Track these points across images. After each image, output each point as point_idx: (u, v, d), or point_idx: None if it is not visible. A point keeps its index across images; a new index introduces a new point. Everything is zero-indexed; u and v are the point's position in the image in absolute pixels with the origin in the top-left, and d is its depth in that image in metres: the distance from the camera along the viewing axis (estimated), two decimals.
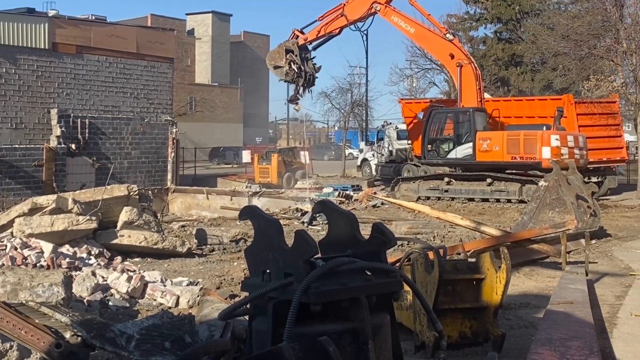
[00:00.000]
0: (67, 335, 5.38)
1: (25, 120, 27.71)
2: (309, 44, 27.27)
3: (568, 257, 11.37)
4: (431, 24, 26.25)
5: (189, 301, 8.77)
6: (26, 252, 10.54)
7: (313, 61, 27.59)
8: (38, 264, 10.20)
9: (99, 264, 10.90)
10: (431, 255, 6.76)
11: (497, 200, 22.82)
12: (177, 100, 45.42)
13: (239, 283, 6.31)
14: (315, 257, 3.22)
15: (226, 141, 65.31)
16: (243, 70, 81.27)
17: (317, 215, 15.83)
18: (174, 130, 31.82)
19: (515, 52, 41.52)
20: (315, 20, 26.99)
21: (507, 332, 7.04)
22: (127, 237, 12.65)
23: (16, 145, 26.64)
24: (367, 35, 31.23)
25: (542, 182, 15.31)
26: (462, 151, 24.68)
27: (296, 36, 27.19)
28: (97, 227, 12.40)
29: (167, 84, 32.82)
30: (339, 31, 26.91)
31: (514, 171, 23.46)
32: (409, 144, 32.66)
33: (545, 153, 22.42)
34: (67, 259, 10.57)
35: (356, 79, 53.73)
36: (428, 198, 24.03)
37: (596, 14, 28.08)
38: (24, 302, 6.02)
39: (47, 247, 10.82)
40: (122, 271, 9.77)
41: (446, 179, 24.28)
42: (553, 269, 11.42)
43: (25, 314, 5.39)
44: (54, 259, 10.35)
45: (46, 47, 28.06)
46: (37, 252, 10.60)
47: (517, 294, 9.53)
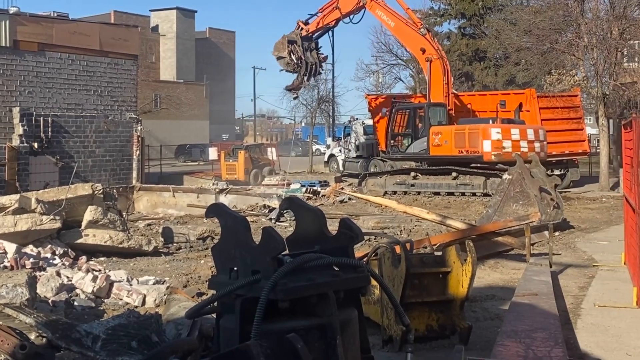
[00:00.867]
0: (32, 336, 5.31)
1: None
2: (311, 35, 28.06)
3: (532, 249, 11.55)
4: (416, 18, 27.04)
5: (155, 300, 8.71)
6: None
7: (319, 51, 28.58)
8: (1, 265, 10.05)
9: (63, 264, 10.77)
10: (398, 249, 6.80)
11: (463, 194, 23.06)
12: (141, 98, 44.99)
13: (206, 281, 6.29)
14: (283, 253, 3.22)
15: (192, 138, 64.86)
16: (209, 66, 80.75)
17: (285, 211, 15.84)
18: (139, 127, 31.50)
19: (478, 48, 41.90)
20: (317, 12, 28.16)
21: (474, 324, 7.12)
22: (92, 237, 12.52)
23: None
24: (333, 31, 31.26)
25: (506, 176, 15.50)
26: (419, 146, 25.12)
27: (300, 27, 28.08)
28: (61, 227, 12.25)
29: (132, 81, 32.45)
30: (335, 23, 27.96)
31: (478, 165, 23.75)
32: (375, 140, 32.84)
33: (486, 146, 22.71)
34: (31, 260, 10.42)
35: (322, 74, 53.72)
36: (395, 193, 24.20)
37: (557, 8, 28.44)
38: None
39: (11, 247, 10.65)
40: (87, 271, 9.66)
41: (412, 174, 24.49)
42: (518, 261, 11.58)
43: None
44: (18, 259, 10.20)
45: (7, 45, 27.54)
46: (0, 253, 10.43)
47: (483, 286, 9.63)
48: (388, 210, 18.84)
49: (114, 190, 17.93)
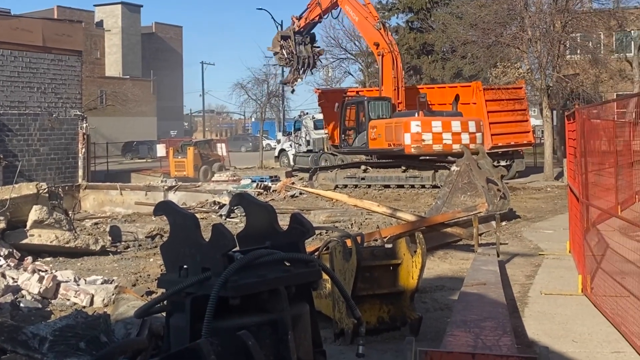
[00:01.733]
0: None
1: None
2: (302, 30, 28.37)
3: (480, 239, 11.72)
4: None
5: (104, 300, 8.60)
6: None
7: (315, 45, 29.00)
8: None
9: (8, 265, 10.52)
10: (349, 243, 6.84)
11: (412, 186, 23.31)
12: (86, 94, 44.20)
13: (156, 280, 6.21)
14: (234, 250, 3.20)
15: (139, 135, 64.00)
16: (156, 62, 79.75)
17: (235, 207, 15.74)
18: (84, 125, 30.93)
19: (426, 41, 42.25)
20: (306, 7, 28.52)
21: (424, 315, 7.20)
22: (38, 237, 12.26)
23: None
24: (282, 26, 31.27)
25: (454, 167, 15.71)
26: (361, 139, 25.42)
27: (293, 23, 28.51)
28: (6, 227, 11.99)
29: (76, 77, 31.84)
30: (319, 18, 28.43)
31: (427, 158, 24.03)
32: (325, 134, 32.96)
33: (407, 139, 23.02)
34: None
35: (272, 69, 53.61)
36: (345, 186, 24.32)
37: (502, 2, 28.88)
38: None
39: None
40: (33, 271, 9.46)
41: (363, 167, 24.67)
42: (466, 251, 11.75)
43: None
44: None
45: None
46: None
47: (433, 277, 9.75)
48: (339, 204, 18.90)
49: (60, 189, 17.61)
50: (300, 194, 22.78)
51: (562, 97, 30.10)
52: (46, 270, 9.86)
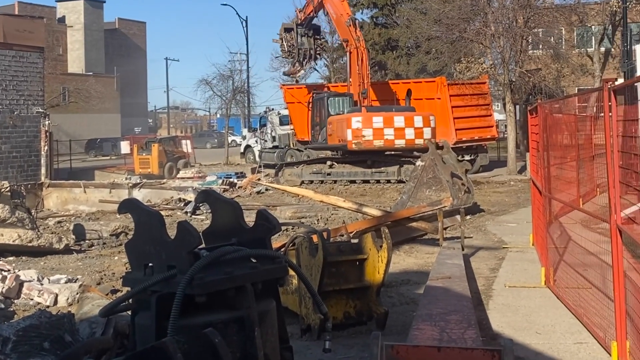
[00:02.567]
0: None
1: None
2: (304, 22, 28.51)
3: (445, 233, 11.82)
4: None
5: (68, 299, 8.51)
6: None
7: (318, 37, 29.31)
8: None
9: None
10: (315, 238, 6.85)
11: (378, 182, 23.42)
12: (49, 91, 43.58)
13: (120, 278, 6.16)
14: (200, 247, 3.20)
15: (103, 132, 63.25)
16: (119, 58, 78.84)
17: (201, 204, 15.66)
18: (47, 122, 30.50)
19: (391, 37, 42.40)
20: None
21: (390, 309, 7.25)
22: (0, 236, 12.08)
23: None
24: (246, 22, 31.24)
25: (419, 162, 15.83)
26: (323, 135, 25.59)
27: (297, 15, 28.99)
28: None
29: (38, 74, 31.38)
30: (313, 13, 28.57)
31: (392, 152, 24.17)
32: (291, 130, 32.97)
33: (349, 135, 23.21)
34: None
35: (237, 65, 53.45)
36: (311, 182, 24.34)
37: None
38: None
39: None
40: None
41: (328, 163, 24.73)
42: (431, 245, 11.84)
43: None
44: None
45: None
46: None
47: (398, 271, 9.82)
48: (305, 199, 18.93)
49: (22, 188, 17.36)
50: (266, 190, 22.74)
51: (524, 92, 30.48)
52: (9, 270, 9.71)
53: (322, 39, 30.20)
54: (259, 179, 25.91)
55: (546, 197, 9.25)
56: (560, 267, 8.50)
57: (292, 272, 3.54)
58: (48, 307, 8.25)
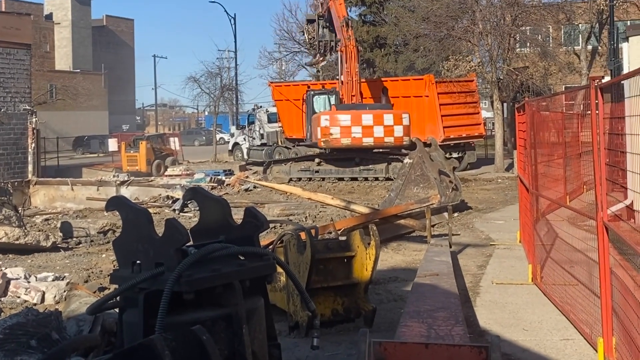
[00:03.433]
0: None
1: None
2: (324, 14, 28.09)
3: (433, 230, 11.85)
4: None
5: (55, 297, 8.48)
6: None
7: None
8: None
9: None
10: (303, 236, 6.85)
11: (366, 179, 23.45)
12: (36, 89, 43.31)
13: (108, 275, 6.14)
14: (187, 245, 3.19)
15: (91, 129, 62.99)
16: (107, 55, 78.49)
17: (189, 202, 15.65)
18: (34, 119, 30.34)
19: (379, 35, 42.41)
20: None
21: (378, 306, 7.26)
22: None
23: None
24: (235, 19, 31.20)
25: (407, 160, 15.86)
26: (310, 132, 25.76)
27: (317, 7, 28.74)
28: None
29: (25, 71, 31.18)
30: (326, 9, 28.24)
31: (380, 150, 24.20)
32: (279, 127, 32.94)
33: (318, 133, 23.28)
34: None
35: (225, 62, 53.37)
36: (299, 179, 24.35)
37: None
38: None
39: None
40: None
41: (317, 160, 24.74)
42: (419, 242, 11.87)
43: None
44: None
45: None
46: None
47: (386, 268, 9.84)
48: (293, 197, 18.91)
49: (9, 185, 17.27)
50: (254, 187, 22.73)
51: (512, 90, 30.59)
52: None
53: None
54: (247, 177, 25.89)
55: (533, 195, 9.29)
56: (547, 264, 8.55)
57: (280, 270, 3.54)
58: (35, 304, 8.22)
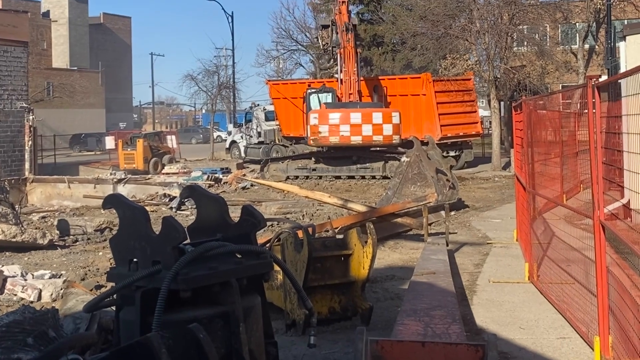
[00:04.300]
0: None
1: None
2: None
3: (430, 229, 11.86)
4: None
5: (52, 294, 8.47)
6: None
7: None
8: None
9: None
10: (300, 234, 6.85)
11: (363, 177, 23.46)
12: (33, 86, 43.24)
13: (105, 273, 6.13)
14: (184, 242, 3.19)
15: (88, 127, 62.94)
16: (104, 53, 78.38)
17: (186, 200, 15.62)
18: (31, 117, 30.29)
19: (376, 33, 42.41)
20: None
21: (375, 304, 7.27)
22: None
23: None
24: (232, 17, 31.10)
25: (404, 158, 15.85)
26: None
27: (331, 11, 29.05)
28: None
29: (22, 69, 31.11)
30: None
31: (377, 149, 24.21)
32: (277, 125, 32.94)
33: (308, 131, 23.31)
34: None
35: (222, 60, 53.33)
36: (297, 177, 24.36)
37: None
38: None
39: None
40: None
41: (314, 158, 24.74)
42: (416, 241, 11.87)
43: None
44: None
45: None
46: None
47: (383, 267, 9.84)
48: (290, 195, 18.90)
49: (6, 183, 17.24)
50: (252, 185, 22.72)
51: (509, 89, 30.60)
52: None
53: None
54: (244, 175, 25.88)
55: (530, 193, 9.30)
56: (544, 262, 8.56)
57: (277, 268, 3.55)
58: (32, 302, 8.20)
